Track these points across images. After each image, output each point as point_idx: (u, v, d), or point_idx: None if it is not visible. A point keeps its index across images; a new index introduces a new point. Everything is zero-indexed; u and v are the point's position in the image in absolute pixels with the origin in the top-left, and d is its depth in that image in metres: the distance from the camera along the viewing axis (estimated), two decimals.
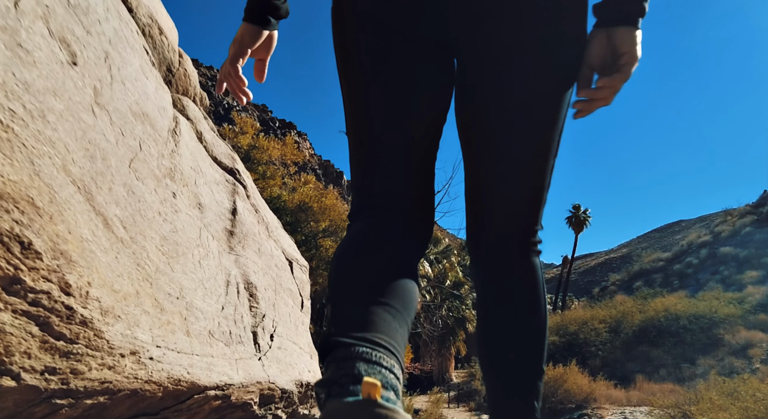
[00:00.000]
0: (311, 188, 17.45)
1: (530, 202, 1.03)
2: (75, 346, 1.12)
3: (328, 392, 0.58)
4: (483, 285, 1.08)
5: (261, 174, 16.27)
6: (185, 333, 1.61)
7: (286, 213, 15.65)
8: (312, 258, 14.96)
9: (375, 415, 0.51)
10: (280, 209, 15.31)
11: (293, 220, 15.78)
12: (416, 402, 15.60)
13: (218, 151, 2.22)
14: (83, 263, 1.13)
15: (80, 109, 1.13)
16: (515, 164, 0.99)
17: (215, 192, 2.04)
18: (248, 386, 1.84)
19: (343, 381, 0.57)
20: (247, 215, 2.27)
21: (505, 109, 0.96)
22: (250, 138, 16.83)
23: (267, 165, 16.81)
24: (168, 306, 1.56)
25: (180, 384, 1.50)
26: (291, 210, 16.04)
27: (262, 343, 2.07)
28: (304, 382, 2.35)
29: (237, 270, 2.07)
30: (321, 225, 16.31)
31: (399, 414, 0.52)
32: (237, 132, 16.87)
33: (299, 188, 17.26)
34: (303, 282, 2.98)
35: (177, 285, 1.64)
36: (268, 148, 16.85)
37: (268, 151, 16.79)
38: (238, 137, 16.60)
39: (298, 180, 18.08)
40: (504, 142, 0.98)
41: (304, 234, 15.76)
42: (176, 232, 1.66)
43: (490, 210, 1.05)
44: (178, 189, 1.71)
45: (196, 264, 1.78)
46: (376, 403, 0.51)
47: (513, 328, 1.02)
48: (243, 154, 15.71)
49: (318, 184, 18.80)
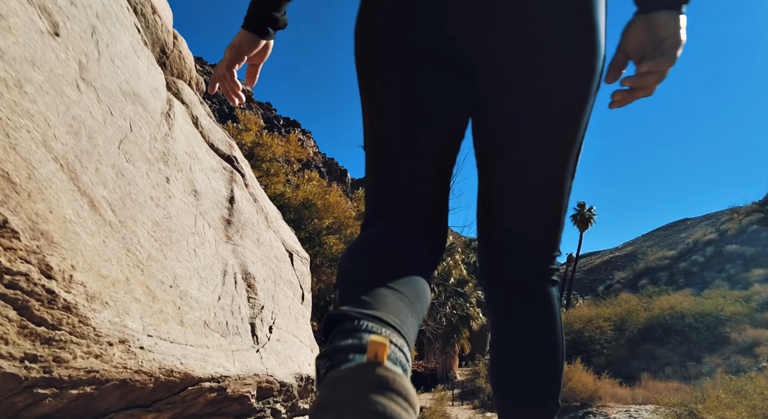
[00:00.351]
0: (315, 185, 17.40)
1: (547, 225, 0.99)
2: (58, 333, 1.07)
3: (330, 363, 0.53)
4: (496, 312, 1.04)
5: (264, 171, 16.24)
6: (179, 323, 1.55)
7: (289, 211, 15.62)
8: (315, 255, 14.93)
9: (379, 378, 0.45)
10: (283, 206, 15.28)
11: (297, 217, 15.75)
12: (420, 399, 15.57)
13: (215, 137, 2.16)
14: (66, 245, 1.07)
15: (63, 82, 1.07)
16: (531, 185, 0.97)
17: (212, 179, 1.98)
18: (245, 378, 1.78)
19: (348, 350, 0.52)
20: (245, 204, 2.21)
21: (519, 127, 0.94)
22: (253, 135, 16.80)
23: (270, 162, 16.78)
24: (160, 294, 1.50)
25: (173, 375, 1.45)
26: (294, 208, 16.02)
27: (260, 335, 2.01)
28: (305, 376, 2.29)
29: (235, 260, 2.01)
30: (324, 223, 16.28)
31: (405, 381, 0.46)
32: (241, 129, 16.84)
33: (303, 185, 17.23)
34: (304, 275, 2.92)
35: (170, 273, 1.58)
36: (272, 145, 16.81)
37: (271, 148, 16.76)
38: (242, 134, 16.58)
39: (301, 177, 18.04)
40: (519, 161, 0.96)
41: (307, 232, 15.74)
42: (170, 219, 1.61)
43: (505, 233, 1.01)
44: (171, 174, 1.65)
45: (191, 252, 1.72)
46: (382, 365, 0.46)
47: (526, 359, 0.99)
48: (246, 151, 15.68)
49: (321, 182, 18.74)
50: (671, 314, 20.82)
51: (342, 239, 15.95)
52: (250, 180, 2.46)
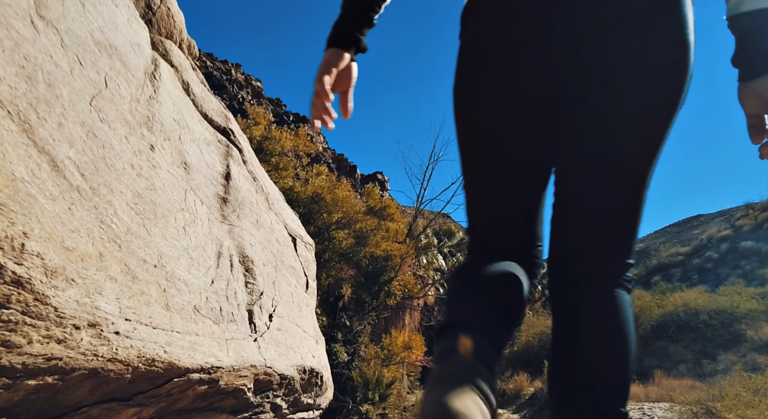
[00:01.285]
0: (323, 179, 17.27)
1: (624, 232, 1.00)
2: (6, 312, 0.90)
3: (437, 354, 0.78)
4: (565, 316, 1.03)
5: (274, 165, 16.12)
6: (164, 307, 1.38)
7: (298, 205, 15.49)
8: (325, 250, 14.82)
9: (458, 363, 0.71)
10: (292, 201, 15.15)
11: (306, 212, 15.62)
12: None
13: (209, 107, 1.98)
14: (16, 208, 0.90)
15: (10, 14, 0.90)
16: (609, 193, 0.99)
17: (205, 152, 1.81)
18: (240, 370, 1.61)
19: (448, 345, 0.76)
20: (243, 182, 2.03)
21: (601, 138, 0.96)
22: (262, 129, 16.68)
23: (280, 156, 16.64)
24: (142, 274, 1.33)
25: (155, 365, 1.28)
26: (303, 202, 15.89)
27: (258, 323, 1.84)
28: (308, 368, 2.11)
29: (231, 242, 1.84)
30: (334, 217, 16.14)
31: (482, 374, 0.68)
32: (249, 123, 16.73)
33: (312, 179, 17.12)
34: (308, 261, 2.74)
35: (154, 251, 1.41)
36: (281, 139, 16.68)
37: (280, 142, 16.61)
38: (251, 128, 16.47)
39: (310, 171, 17.93)
40: (599, 170, 0.98)
41: (317, 226, 15.61)
42: (154, 191, 1.44)
43: (581, 237, 1.02)
44: (157, 142, 1.48)
45: (179, 230, 1.55)
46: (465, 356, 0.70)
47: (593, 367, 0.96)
48: (255, 145, 15.55)
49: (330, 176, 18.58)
50: (685, 311, 20.41)
51: (351, 234, 15.84)
52: (249, 157, 2.27)
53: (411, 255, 16.87)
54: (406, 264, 16.58)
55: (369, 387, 11.74)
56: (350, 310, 16.31)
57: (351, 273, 16.18)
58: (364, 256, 15.74)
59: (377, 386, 11.86)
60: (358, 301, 16.06)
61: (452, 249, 25.11)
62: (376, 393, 11.79)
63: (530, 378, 17.10)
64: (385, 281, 15.62)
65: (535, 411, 14.34)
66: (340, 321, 15.30)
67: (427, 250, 20.92)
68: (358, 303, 16.09)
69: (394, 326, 17.44)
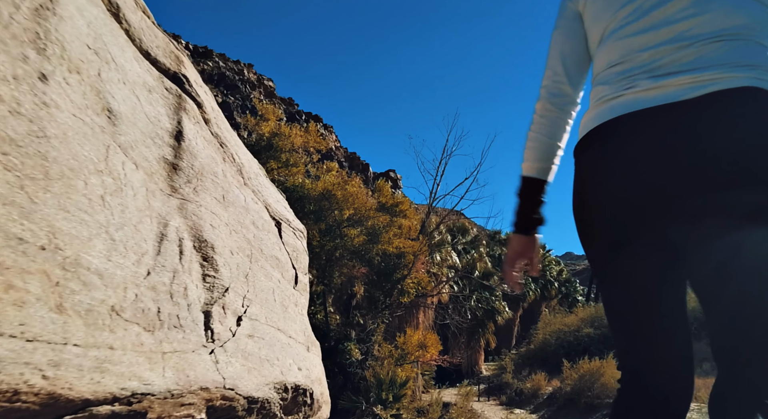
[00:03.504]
0: (334, 175, 16.86)
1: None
2: None
3: None
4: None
5: (284, 162, 15.78)
6: (53, 309, 0.93)
7: (309, 202, 15.12)
8: (336, 247, 14.43)
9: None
10: (303, 197, 14.83)
11: (317, 209, 15.24)
12: (445, 395, 15.00)
13: (151, 44, 1.51)
14: None
15: None
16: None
17: (144, 101, 1.35)
18: (183, 395, 1.15)
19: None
20: (202, 146, 1.58)
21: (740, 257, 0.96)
22: (272, 125, 16.32)
23: (290, 153, 16.30)
24: (13, 259, 0.88)
25: (18, 400, 0.83)
26: (314, 199, 15.50)
27: (218, 329, 1.38)
28: (290, 385, 1.65)
29: (182, 221, 1.39)
30: (345, 214, 15.74)
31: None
32: (259, 120, 16.38)
33: (322, 176, 16.73)
34: (297, 251, 2.28)
35: (43, 225, 0.96)
36: (291, 135, 16.32)
37: (290, 139, 16.26)
38: (260, 125, 16.13)
39: (321, 168, 17.55)
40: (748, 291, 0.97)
41: (328, 224, 15.21)
42: (45, 139, 0.99)
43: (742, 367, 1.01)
44: (55, 70, 1.03)
45: (93, 199, 1.10)
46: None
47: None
48: (265, 141, 15.24)
49: (341, 172, 18.17)
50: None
51: (363, 231, 15.43)
52: (214, 116, 1.80)
53: (424, 253, 16.43)
54: (419, 262, 16.14)
55: (383, 388, 11.34)
56: (363, 308, 15.91)
57: (363, 270, 15.77)
58: (377, 254, 15.31)
59: (391, 386, 11.46)
60: (371, 299, 15.65)
61: (466, 246, 24.53)
62: (390, 393, 11.38)
63: (548, 376, 16.56)
64: (398, 279, 15.18)
65: (553, 411, 13.81)
66: (354, 319, 14.89)
67: (440, 247, 20.41)
68: (371, 302, 15.68)
69: (407, 324, 17.02)
